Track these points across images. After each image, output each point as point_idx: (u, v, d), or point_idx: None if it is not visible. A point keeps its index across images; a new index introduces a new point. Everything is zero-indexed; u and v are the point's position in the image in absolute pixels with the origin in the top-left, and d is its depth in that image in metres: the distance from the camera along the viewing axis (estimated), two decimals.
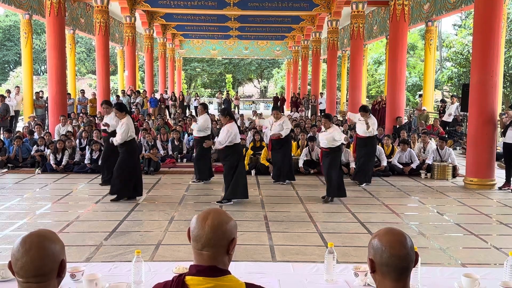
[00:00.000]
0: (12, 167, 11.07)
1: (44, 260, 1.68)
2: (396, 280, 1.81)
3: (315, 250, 5.54)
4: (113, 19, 24.36)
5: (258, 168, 10.75)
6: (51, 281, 1.72)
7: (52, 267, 1.70)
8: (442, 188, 9.52)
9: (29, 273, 1.69)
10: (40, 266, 1.68)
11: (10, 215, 7.10)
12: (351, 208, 7.66)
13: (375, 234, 1.89)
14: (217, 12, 22.16)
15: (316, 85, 26.73)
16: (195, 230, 1.90)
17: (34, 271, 1.68)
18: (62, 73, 14.70)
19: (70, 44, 20.68)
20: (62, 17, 14.37)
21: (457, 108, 16.33)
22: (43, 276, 1.70)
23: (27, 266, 1.68)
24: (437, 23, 18.97)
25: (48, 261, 1.69)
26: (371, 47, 32.70)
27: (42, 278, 1.70)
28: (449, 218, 7.20)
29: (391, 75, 14.85)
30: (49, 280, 1.71)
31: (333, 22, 20.81)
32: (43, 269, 1.68)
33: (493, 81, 9.28)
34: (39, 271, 1.68)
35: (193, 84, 57.11)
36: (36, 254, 1.68)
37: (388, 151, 11.16)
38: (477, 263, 5.18)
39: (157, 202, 8.05)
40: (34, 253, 1.68)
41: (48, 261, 1.69)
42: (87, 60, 51.46)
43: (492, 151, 9.46)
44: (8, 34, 47.77)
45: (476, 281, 3.04)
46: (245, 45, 36.78)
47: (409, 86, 31.97)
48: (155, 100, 22.97)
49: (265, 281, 3.00)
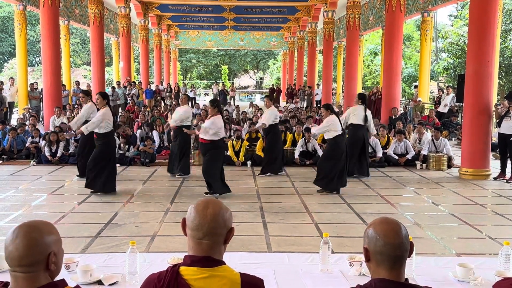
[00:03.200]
0: (7, 158, 11.02)
1: (29, 250, 1.67)
2: (390, 269, 1.82)
3: (310, 241, 5.55)
4: (107, 9, 24.19)
5: (254, 159, 10.75)
6: (39, 273, 1.70)
7: (37, 258, 1.69)
8: (437, 178, 9.54)
9: (14, 262, 1.69)
10: (24, 256, 1.67)
11: (5, 206, 7.08)
12: (346, 199, 7.67)
13: (370, 224, 1.90)
14: (213, 3, 22.11)
15: (312, 76, 26.69)
16: (196, 219, 1.89)
17: (18, 260, 1.68)
18: (57, 64, 14.60)
19: (65, 35, 20.54)
20: (56, 8, 14.25)
21: (453, 99, 16.35)
22: (28, 267, 1.68)
23: (12, 254, 1.68)
24: (433, 13, 18.94)
25: (33, 252, 1.68)
26: (367, 38, 32.62)
27: (27, 268, 1.68)
28: (444, 208, 7.22)
29: (387, 66, 14.83)
30: (36, 272, 1.70)
31: (329, 12, 20.74)
32: (27, 259, 1.67)
33: (488, 71, 9.28)
34: (23, 261, 1.68)
35: (189, 75, 56.97)
36: (21, 243, 1.68)
37: (383, 142, 11.17)
38: (472, 253, 5.21)
39: (152, 194, 8.03)
40: (19, 243, 1.68)
41: (33, 252, 1.68)
42: (82, 51, 51.21)
43: (487, 141, 9.48)
44: (2, 26, 47.41)
45: (471, 270, 3.05)
46: (241, 36, 36.65)
47: (404, 77, 31.97)
48: (150, 92, 22.89)
49: (260, 272, 3.00)
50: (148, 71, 26.38)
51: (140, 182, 8.94)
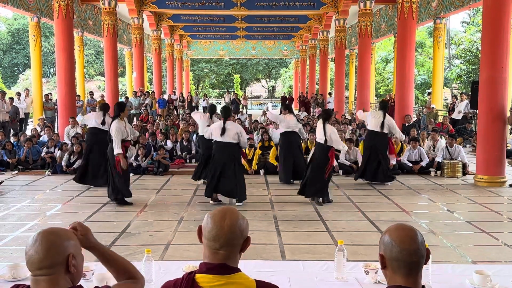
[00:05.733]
0: (23, 169, 11.14)
1: (48, 252, 1.71)
2: (407, 275, 1.80)
3: (324, 249, 5.53)
4: (121, 20, 24.44)
5: (267, 168, 10.75)
6: (58, 275, 1.73)
7: (56, 259, 1.72)
8: (452, 186, 9.46)
9: (34, 265, 1.72)
10: (44, 258, 1.71)
11: (21, 216, 7.15)
12: (360, 207, 7.63)
13: (386, 230, 1.88)
14: (224, 13, 22.17)
15: (324, 84, 26.67)
16: (213, 230, 1.89)
17: (38, 262, 1.71)
18: (71, 75, 14.76)
19: (79, 46, 20.78)
20: (70, 19, 14.43)
21: (467, 106, 16.23)
22: (48, 269, 1.71)
23: (33, 258, 1.72)
24: (446, 20, 18.86)
25: (51, 253, 1.71)
26: (379, 45, 32.56)
27: (47, 270, 1.71)
28: (460, 215, 7.15)
29: (399, 73, 14.79)
30: (55, 274, 1.72)
31: (341, 20, 20.74)
32: (46, 261, 1.71)
33: (502, 77, 9.22)
34: (43, 263, 1.71)
35: (201, 84, 57.21)
36: (40, 246, 1.71)
37: (397, 150, 11.10)
38: (488, 261, 5.15)
39: (166, 203, 8.07)
40: (39, 246, 1.72)
41: (52, 253, 1.71)
42: (95, 62, 51.74)
43: (502, 148, 9.39)
44: (17, 37, 48.15)
45: (487, 277, 3.02)
46: (253, 45, 36.77)
47: (418, 84, 31.82)
48: (163, 101, 23.05)
49: (275, 279, 2.98)
50: (161, 81, 26.54)
51: (154, 191, 8.98)
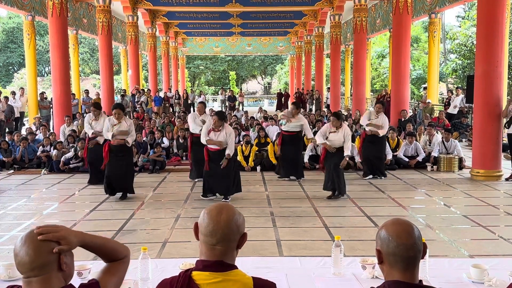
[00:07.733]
0: (19, 168, 11.11)
1: (38, 252, 1.65)
2: (404, 270, 1.80)
3: (322, 245, 5.53)
4: (115, 18, 24.36)
5: (264, 164, 10.74)
6: (51, 274, 1.68)
7: (47, 258, 1.66)
8: (448, 180, 9.48)
9: (26, 267, 1.66)
10: (34, 259, 1.65)
11: (17, 215, 7.13)
12: (357, 202, 7.64)
13: (383, 225, 1.88)
14: (219, 9, 22.13)
15: (320, 80, 26.68)
16: (210, 225, 1.88)
17: (29, 264, 1.65)
18: (66, 73, 14.71)
19: (73, 45, 20.70)
20: (64, 17, 14.37)
21: (462, 100, 16.27)
22: (40, 269, 1.66)
23: (23, 260, 1.66)
24: (441, 15, 18.87)
25: (41, 252, 1.65)
26: (374, 40, 32.58)
27: (39, 271, 1.66)
28: (456, 210, 7.17)
29: (395, 68, 14.80)
30: (48, 273, 1.67)
31: (336, 16, 20.72)
32: (37, 261, 1.65)
33: (497, 72, 9.23)
34: (34, 264, 1.65)
35: (197, 82, 57.12)
36: (29, 247, 1.65)
37: (393, 145, 11.12)
38: (485, 254, 5.16)
39: (163, 200, 8.05)
40: (28, 245, 1.65)
41: (42, 252, 1.65)
42: (90, 60, 51.58)
43: (498, 142, 9.40)
44: (12, 36, 47.90)
45: (485, 271, 3.02)
46: (248, 41, 36.71)
47: (413, 79, 31.86)
48: (159, 99, 23.01)
49: (272, 276, 2.98)
50: (157, 78, 26.49)
51: (150, 188, 8.96)
